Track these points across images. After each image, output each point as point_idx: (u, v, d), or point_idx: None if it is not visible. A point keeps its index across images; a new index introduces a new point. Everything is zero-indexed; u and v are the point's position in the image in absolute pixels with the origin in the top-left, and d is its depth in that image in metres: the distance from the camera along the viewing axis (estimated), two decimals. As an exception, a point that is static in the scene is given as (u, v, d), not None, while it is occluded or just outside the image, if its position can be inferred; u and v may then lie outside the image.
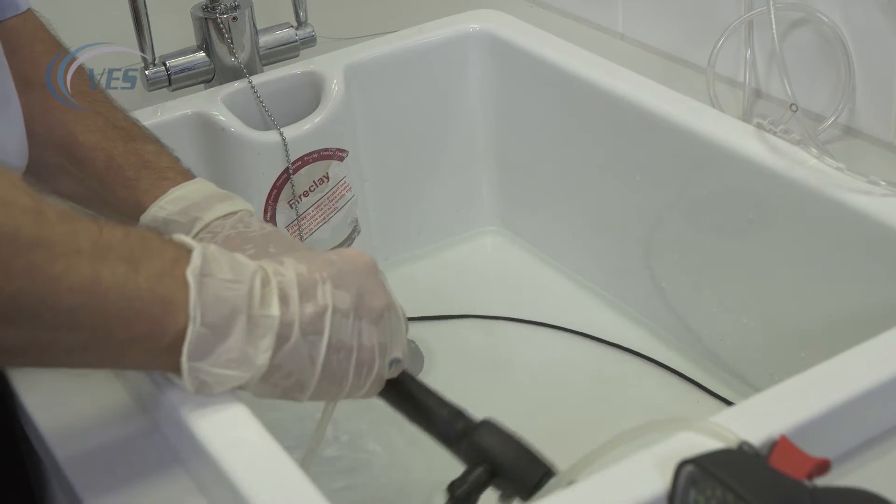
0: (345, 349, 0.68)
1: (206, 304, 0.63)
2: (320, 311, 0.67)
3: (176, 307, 0.63)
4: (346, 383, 0.69)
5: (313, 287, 0.67)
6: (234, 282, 0.65)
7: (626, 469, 0.62)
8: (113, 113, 0.89)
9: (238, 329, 0.64)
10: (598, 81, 1.05)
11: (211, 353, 0.64)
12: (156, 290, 0.62)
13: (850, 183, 0.86)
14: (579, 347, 1.08)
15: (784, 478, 0.58)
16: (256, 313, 0.65)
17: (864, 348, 0.70)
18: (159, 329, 0.63)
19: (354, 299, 0.69)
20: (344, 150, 1.10)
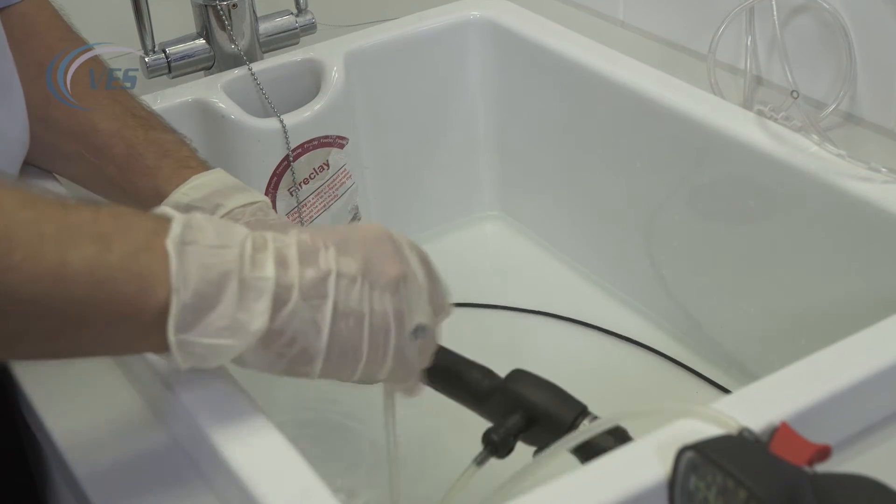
0: (354, 315, 0.64)
1: (189, 273, 0.60)
2: (323, 275, 0.63)
3: (154, 281, 0.60)
4: (360, 354, 0.65)
5: (315, 252, 0.64)
6: (220, 247, 0.62)
7: (626, 455, 0.62)
8: (131, 101, 0.89)
9: (228, 295, 0.61)
10: (599, 68, 1.05)
11: (199, 323, 0.61)
12: (130, 268, 0.59)
13: (850, 170, 0.86)
14: (579, 336, 1.08)
15: (784, 464, 0.58)
16: (248, 276, 0.62)
17: (865, 335, 0.70)
18: (138, 307, 0.60)
19: (362, 265, 0.65)
20: (344, 138, 1.10)
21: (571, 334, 1.08)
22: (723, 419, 0.62)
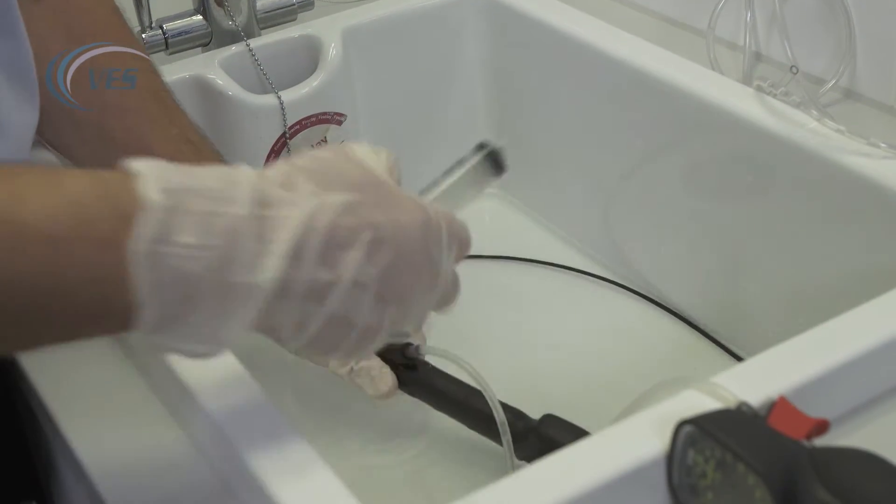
0: (343, 324, 0.58)
1: (158, 285, 0.52)
2: (333, 282, 0.56)
3: (119, 288, 0.52)
4: (331, 353, 0.60)
5: (342, 249, 0.56)
6: (202, 248, 0.52)
7: (624, 430, 0.62)
8: (184, 121, 0.86)
9: (204, 307, 0.53)
10: (598, 45, 1.04)
11: (173, 330, 0.54)
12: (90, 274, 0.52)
13: (850, 145, 0.85)
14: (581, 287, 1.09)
15: (782, 438, 0.58)
16: (233, 280, 0.53)
17: (863, 310, 0.70)
18: (102, 312, 0.53)
19: (384, 269, 0.58)
20: (342, 114, 1.09)
21: (581, 288, 1.09)
22: (721, 393, 0.62)
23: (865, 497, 0.54)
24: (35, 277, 0.50)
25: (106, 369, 0.76)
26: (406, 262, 0.58)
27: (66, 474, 0.80)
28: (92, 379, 0.75)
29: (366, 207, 0.57)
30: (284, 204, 0.55)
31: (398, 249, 0.58)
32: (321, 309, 0.56)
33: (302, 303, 0.56)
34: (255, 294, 0.54)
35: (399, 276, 0.58)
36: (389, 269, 0.58)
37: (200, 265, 0.52)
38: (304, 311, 0.56)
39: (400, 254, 0.58)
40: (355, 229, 0.56)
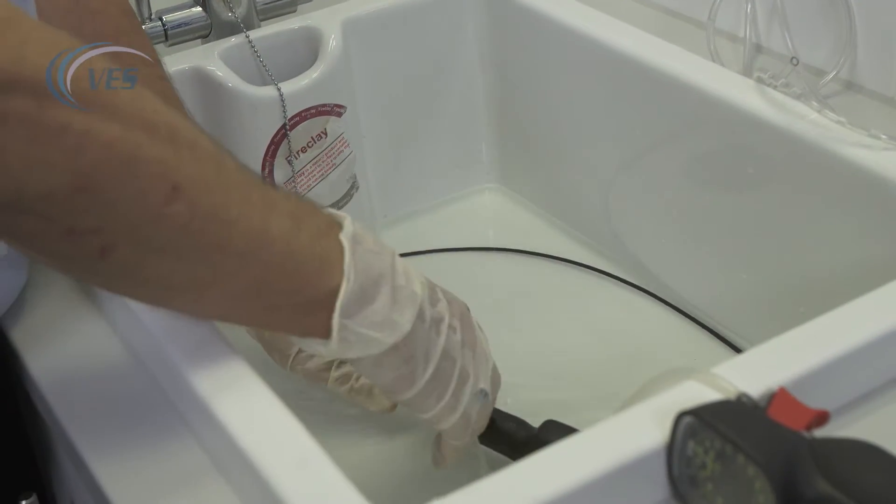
0: (450, 360, 0.71)
1: (358, 267, 0.66)
2: (439, 317, 0.71)
3: (331, 266, 0.65)
4: (444, 395, 0.72)
5: (436, 296, 0.72)
6: (379, 254, 0.68)
7: (624, 421, 0.62)
8: None
9: (384, 295, 0.67)
10: (598, 36, 1.04)
11: (359, 313, 0.66)
12: (314, 248, 0.65)
13: (850, 137, 0.85)
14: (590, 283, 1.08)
15: (782, 429, 0.58)
16: (400, 285, 0.68)
17: (863, 301, 0.69)
18: (314, 284, 0.65)
19: (460, 322, 0.73)
20: (342, 106, 1.09)
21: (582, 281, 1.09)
22: (721, 384, 0.62)
23: (865, 488, 0.54)
24: (282, 240, 0.63)
25: (106, 362, 0.76)
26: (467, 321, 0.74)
27: (66, 466, 0.80)
28: (92, 371, 0.75)
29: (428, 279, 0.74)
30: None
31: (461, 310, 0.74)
32: (439, 338, 0.70)
33: (429, 330, 0.70)
34: (413, 298, 0.68)
35: (467, 328, 0.73)
36: (462, 323, 0.73)
37: (379, 264, 0.67)
38: (430, 340, 0.70)
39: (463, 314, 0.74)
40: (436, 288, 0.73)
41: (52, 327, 0.79)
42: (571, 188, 1.15)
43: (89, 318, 0.80)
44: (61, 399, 0.73)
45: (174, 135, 0.59)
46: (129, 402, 0.73)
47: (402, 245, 1.15)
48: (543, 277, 1.11)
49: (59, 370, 0.75)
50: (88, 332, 0.79)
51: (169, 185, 0.58)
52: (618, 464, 0.59)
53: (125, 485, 0.67)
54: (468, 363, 0.73)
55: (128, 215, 0.57)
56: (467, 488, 0.58)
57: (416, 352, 0.69)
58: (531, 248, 1.14)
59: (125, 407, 0.72)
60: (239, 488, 0.65)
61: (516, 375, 0.94)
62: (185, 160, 0.59)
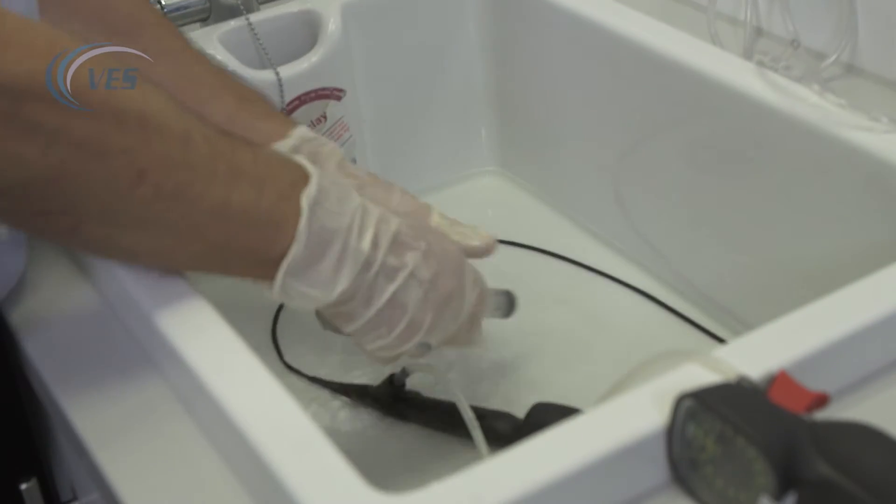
0: (399, 308, 0.74)
1: (311, 231, 0.69)
2: (399, 266, 0.73)
3: (286, 230, 0.69)
4: (386, 336, 0.75)
5: (405, 247, 0.74)
6: (338, 214, 0.71)
7: (624, 403, 0.62)
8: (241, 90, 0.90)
9: (331, 257, 0.70)
10: (598, 20, 1.04)
11: (304, 273, 0.70)
12: (273, 213, 0.68)
13: (851, 120, 0.85)
14: (580, 280, 1.08)
15: (783, 412, 0.58)
16: (351, 244, 0.71)
17: (864, 284, 0.69)
18: (269, 246, 0.69)
19: (432, 275, 0.74)
20: (341, 90, 1.09)
21: (571, 277, 1.08)
22: (721, 367, 0.62)
23: (865, 470, 0.54)
24: (242, 210, 0.67)
25: (106, 347, 0.76)
26: (446, 278, 0.76)
27: (65, 450, 0.80)
28: (92, 356, 0.75)
29: (422, 230, 0.76)
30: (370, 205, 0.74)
31: (442, 265, 0.75)
32: (388, 286, 0.73)
33: (376, 278, 0.72)
34: (358, 256, 0.71)
35: (442, 286, 0.75)
36: (436, 278, 0.75)
37: (336, 224, 0.70)
38: (377, 286, 0.72)
39: (443, 269, 0.75)
40: (414, 237, 0.74)
41: (52, 312, 0.79)
42: (571, 171, 1.15)
43: (89, 304, 0.80)
44: (61, 383, 0.73)
45: (143, 121, 0.63)
46: (129, 388, 0.73)
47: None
48: (539, 271, 1.11)
49: (59, 355, 0.75)
50: (88, 318, 0.78)
51: (134, 172, 0.63)
52: (618, 446, 0.59)
53: (126, 468, 0.67)
54: (423, 317, 0.75)
55: (95, 199, 0.63)
56: (466, 471, 0.58)
57: (355, 296, 0.72)
58: (530, 232, 1.14)
59: (126, 392, 0.72)
60: (240, 472, 0.65)
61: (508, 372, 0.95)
62: (152, 145, 0.63)
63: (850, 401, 0.66)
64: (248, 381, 0.65)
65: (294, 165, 0.72)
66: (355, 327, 0.74)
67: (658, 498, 0.61)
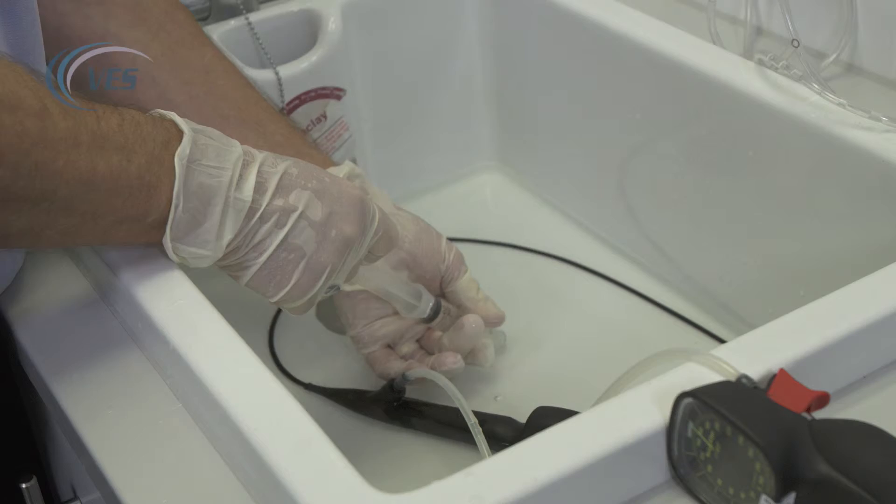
0: (296, 252, 0.72)
1: (188, 191, 0.68)
2: (288, 209, 0.72)
3: (160, 192, 0.68)
4: (284, 285, 0.73)
5: (292, 188, 0.72)
6: (217, 168, 0.69)
7: (624, 402, 0.62)
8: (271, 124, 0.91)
9: (214, 214, 0.69)
10: (598, 19, 1.04)
11: (189, 234, 0.70)
12: (144, 178, 0.67)
13: (851, 119, 0.85)
14: (579, 281, 1.08)
15: (783, 410, 0.58)
16: (232, 196, 0.70)
17: (864, 283, 0.69)
18: (144, 212, 0.68)
19: (326, 216, 0.73)
20: (341, 89, 1.09)
21: (570, 279, 1.08)
22: (721, 366, 0.62)
23: (865, 469, 0.54)
24: (110, 178, 0.66)
25: (104, 344, 0.76)
26: (343, 217, 0.74)
27: (65, 448, 0.80)
28: (92, 352, 0.75)
29: (312, 169, 0.74)
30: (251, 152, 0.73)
31: (337, 205, 0.74)
32: (278, 230, 0.71)
33: (262, 224, 0.71)
34: (239, 206, 0.70)
35: (338, 224, 0.73)
36: (330, 217, 0.73)
37: (215, 181, 0.69)
38: (265, 231, 0.71)
39: (338, 210, 0.73)
40: (305, 177, 0.73)
41: (51, 310, 0.79)
42: (570, 170, 1.15)
43: (89, 302, 0.80)
44: (60, 382, 0.73)
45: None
46: (130, 388, 0.73)
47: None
48: (537, 268, 1.11)
49: (58, 353, 0.75)
50: (88, 316, 0.78)
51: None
52: (618, 445, 0.59)
53: (127, 468, 0.67)
54: (323, 259, 0.73)
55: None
56: (468, 469, 0.58)
57: (244, 244, 0.71)
58: (529, 231, 1.14)
59: (126, 392, 0.72)
60: (241, 472, 0.65)
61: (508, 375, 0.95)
62: (4, 127, 0.61)
63: (850, 400, 0.66)
64: (249, 381, 0.65)
65: (167, 124, 0.70)
66: (250, 276, 0.73)
67: (658, 497, 0.61)
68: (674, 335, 1.00)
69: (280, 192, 0.72)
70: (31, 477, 0.84)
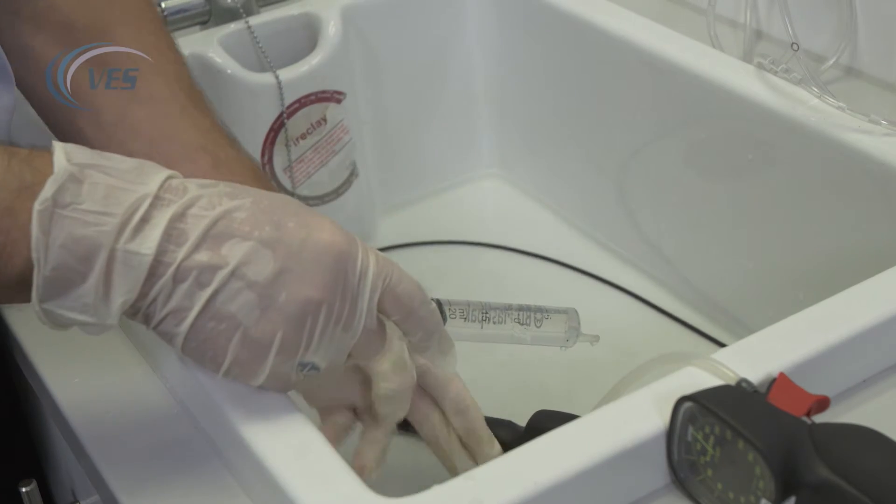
0: (228, 322, 0.58)
1: (53, 245, 0.55)
2: (215, 265, 0.57)
3: (11, 251, 0.55)
4: (219, 362, 0.59)
5: (227, 237, 0.57)
6: (101, 214, 0.55)
7: (624, 406, 0.62)
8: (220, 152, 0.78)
9: (95, 271, 0.56)
10: (598, 22, 1.04)
11: (64, 295, 0.56)
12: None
13: (851, 122, 0.85)
14: (580, 286, 1.08)
15: (783, 414, 0.58)
16: (122, 248, 0.56)
17: (864, 287, 0.69)
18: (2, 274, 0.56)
19: (273, 275, 0.57)
20: (341, 93, 1.09)
21: (570, 283, 1.08)
22: (721, 370, 0.62)
23: (866, 473, 0.54)
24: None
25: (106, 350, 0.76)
26: (301, 276, 0.58)
27: (66, 453, 0.80)
28: (91, 355, 0.75)
29: (274, 210, 0.58)
30: (179, 192, 0.57)
31: (294, 259, 0.58)
32: (200, 293, 0.57)
33: (177, 284, 0.57)
34: (133, 261, 0.55)
35: (292, 285, 0.58)
36: (279, 277, 0.58)
37: (92, 230, 0.55)
38: (181, 292, 0.57)
39: (293, 267, 0.58)
40: (251, 223, 0.58)
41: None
42: (570, 175, 1.15)
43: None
44: (60, 386, 0.73)
45: None
46: (129, 391, 0.73)
47: (402, 232, 1.16)
48: (536, 272, 1.11)
49: (58, 357, 0.75)
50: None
51: None
52: (618, 449, 0.59)
53: (126, 471, 0.67)
54: (268, 331, 0.58)
55: None
56: (468, 473, 0.58)
57: (154, 311, 0.58)
58: (529, 236, 1.14)
59: (126, 395, 0.72)
60: (241, 476, 0.65)
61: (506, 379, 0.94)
62: None
63: (850, 404, 0.66)
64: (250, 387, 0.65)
65: (33, 166, 0.56)
66: (179, 347, 0.59)
67: (658, 501, 0.61)
68: (673, 339, 1.00)
69: (209, 242, 0.57)
70: (31, 481, 0.84)
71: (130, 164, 0.58)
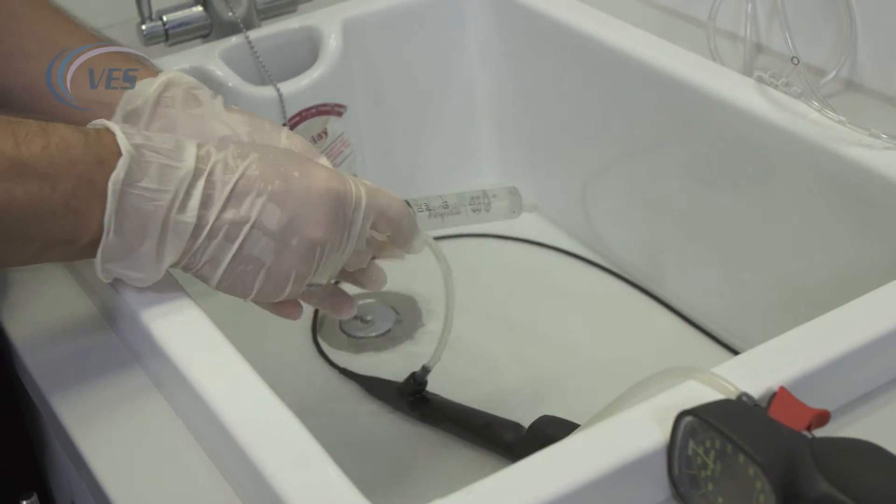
0: (254, 264, 0.70)
1: (121, 217, 0.66)
2: (240, 221, 0.69)
3: (89, 218, 0.65)
4: (249, 292, 0.71)
5: (246, 195, 0.69)
6: (157, 191, 0.66)
7: (625, 420, 0.62)
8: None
9: (150, 240, 0.67)
10: (598, 36, 1.04)
11: (123, 258, 0.67)
12: (70, 204, 0.65)
13: (850, 136, 0.85)
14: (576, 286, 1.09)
15: (783, 428, 0.58)
16: (172, 219, 0.67)
17: (864, 301, 0.69)
18: (72, 237, 0.66)
19: (286, 221, 0.69)
20: (342, 106, 1.09)
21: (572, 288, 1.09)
22: (721, 384, 0.62)
23: (866, 487, 0.54)
24: (29, 205, 0.63)
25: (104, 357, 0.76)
26: (307, 220, 0.70)
27: (65, 464, 0.80)
28: (91, 367, 0.75)
29: (279, 164, 0.70)
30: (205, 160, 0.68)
31: (302, 206, 0.69)
32: (229, 245, 0.69)
33: (210, 241, 0.68)
34: (181, 228, 0.67)
35: (301, 229, 0.70)
36: (290, 224, 0.69)
37: (152, 206, 0.66)
38: (215, 246, 0.69)
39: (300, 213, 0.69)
40: (263, 179, 0.69)
41: (51, 326, 0.79)
42: (571, 187, 1.15)
43: (89, 317, 0.80)
44: (60, 397, 0.73)
45: None
46: (129, 402, 0.73)
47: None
48: (543, 270, 1.12)
49: (58, 369, 0.75)
50: (87, 331, 0.78)
51: None
52: (618, 463, 0.59)
53: (126, 483, 0.67)
54: (285, 267, 0.70)
55: None
56: (468, 488, 0.58)
57: (195, 262, 0.69)
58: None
59: (125, 406, 0.72)
60: (239, 487, 0.65)
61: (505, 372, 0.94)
62: None
63: (851, 418, 0.66)
64: (248, 398, 0.65)
65: (105, 141, 0.67)
66: (215, 286, 0.71)
67: (659, 515, 0.61)
68: (674, 353, 1.00)
69: (232, 202, 0.68)
70: (31, 493, 0.84)
71: (171, 144, 0.68)
